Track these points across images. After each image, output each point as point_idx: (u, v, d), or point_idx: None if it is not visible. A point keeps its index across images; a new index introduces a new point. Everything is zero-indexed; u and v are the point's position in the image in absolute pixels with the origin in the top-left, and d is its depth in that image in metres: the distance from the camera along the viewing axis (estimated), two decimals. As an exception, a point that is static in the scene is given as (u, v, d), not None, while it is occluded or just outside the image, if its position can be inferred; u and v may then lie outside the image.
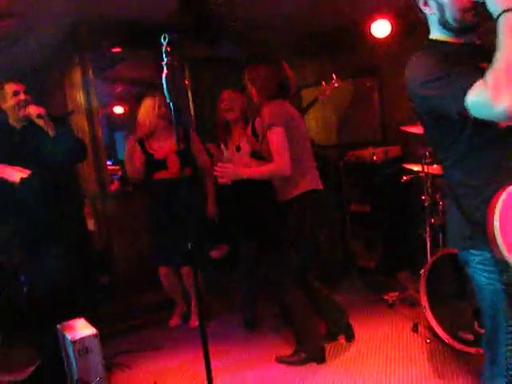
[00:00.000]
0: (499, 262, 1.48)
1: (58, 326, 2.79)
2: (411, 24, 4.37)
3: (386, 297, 3.53)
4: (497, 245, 1.42)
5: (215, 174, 2.73)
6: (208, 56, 5.20)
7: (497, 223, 1.41)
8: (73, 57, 4.38)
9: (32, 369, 2.86)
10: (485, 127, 1.47)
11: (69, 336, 2.62)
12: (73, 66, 4.42)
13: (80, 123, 4.51)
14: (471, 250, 1.59)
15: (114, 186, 5.73)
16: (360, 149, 4.24)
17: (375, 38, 4.31)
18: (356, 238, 4.18)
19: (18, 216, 3.11)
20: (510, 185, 1.45)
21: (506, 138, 1.52)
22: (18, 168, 2.81)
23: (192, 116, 5.35)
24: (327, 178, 3.20)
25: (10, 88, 2.96)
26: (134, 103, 6.82)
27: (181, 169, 3.13)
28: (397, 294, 3.50)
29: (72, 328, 2.73)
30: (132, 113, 6.87)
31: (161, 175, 3.45)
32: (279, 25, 4.77)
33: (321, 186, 2.84)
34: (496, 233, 1.42)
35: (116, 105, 6.97)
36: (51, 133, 2.91)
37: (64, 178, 3.35)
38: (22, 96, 2.94)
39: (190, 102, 5.31)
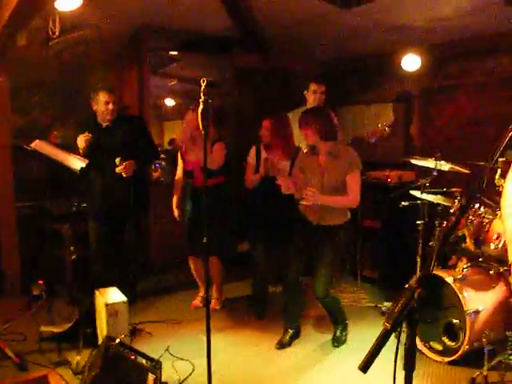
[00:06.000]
0: None
1: (96, 291, 3.35)
2: (440, 60, 4.74)
3: (380, 305, 3.94)
4: None
5: (305, 194, 3.04)
6: (255, 66, 5.68)
7: None
8: (132, 57, 4.97)
9: (70, 324, 3.44)
10: None
11: (103, 300, 3.18)
12: (131, 65, 5.01)
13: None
14: None
15: (157, 174, 6.29)
16: (379, 170, 4.61)
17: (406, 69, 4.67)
18: (364, 250, 4.58)
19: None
20: None
21: None
22: (79, 157, 3.40)
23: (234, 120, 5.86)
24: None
25: (103, 96, 3.71)
26: (184, 97, 7.52)
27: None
28: (390, 304, 3.89)
29: (106, 294, 3.29)
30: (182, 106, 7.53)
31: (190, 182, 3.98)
32: (324, 44, 5.20)
33: None
34: None
35: (168, 97, 7.73)
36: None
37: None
38: (110, 106, 3.71)
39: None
